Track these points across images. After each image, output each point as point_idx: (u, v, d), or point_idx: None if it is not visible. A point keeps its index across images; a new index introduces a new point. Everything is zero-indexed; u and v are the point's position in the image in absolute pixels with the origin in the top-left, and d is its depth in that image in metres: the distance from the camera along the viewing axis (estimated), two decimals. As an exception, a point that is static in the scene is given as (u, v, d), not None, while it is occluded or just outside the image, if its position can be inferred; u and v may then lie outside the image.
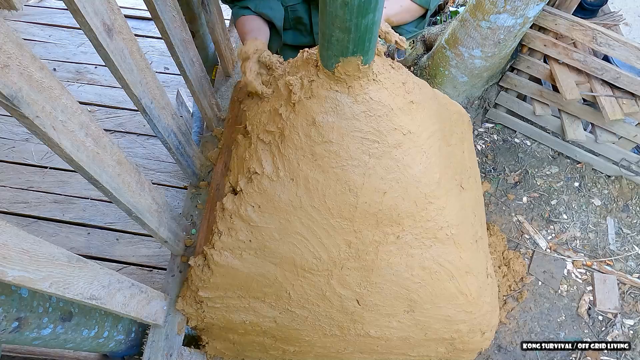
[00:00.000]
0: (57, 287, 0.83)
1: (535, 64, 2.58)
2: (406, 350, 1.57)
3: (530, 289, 2.32)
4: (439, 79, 2.74)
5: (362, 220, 1.17)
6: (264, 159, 1.16)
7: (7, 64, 0.65)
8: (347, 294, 1.33)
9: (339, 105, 1.01)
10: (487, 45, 2.37)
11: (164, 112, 1.31)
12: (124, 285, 1.13)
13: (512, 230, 2.51)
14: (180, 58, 1.40)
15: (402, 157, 1.09)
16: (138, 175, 1.13)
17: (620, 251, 2.44)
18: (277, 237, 1.23)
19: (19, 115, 0.70)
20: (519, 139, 2.88)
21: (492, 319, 1.56)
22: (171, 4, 1.27)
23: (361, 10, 0.76)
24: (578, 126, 2.61)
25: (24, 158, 2.49)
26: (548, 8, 2.30)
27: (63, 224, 2.30)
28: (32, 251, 0.76)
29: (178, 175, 2.52)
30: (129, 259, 2.22)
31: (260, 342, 1.59)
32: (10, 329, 0.92)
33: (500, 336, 2.18)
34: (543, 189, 2.66)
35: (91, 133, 0.89)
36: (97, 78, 2.92)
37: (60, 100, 0.78)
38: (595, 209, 2.59)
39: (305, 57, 1.08)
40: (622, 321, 2.23)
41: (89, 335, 1.17)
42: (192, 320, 1.50)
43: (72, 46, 3.08)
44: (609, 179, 2.71)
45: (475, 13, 2.28)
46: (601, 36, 2.21)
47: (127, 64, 1.03)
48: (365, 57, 0.90)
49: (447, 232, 1.25)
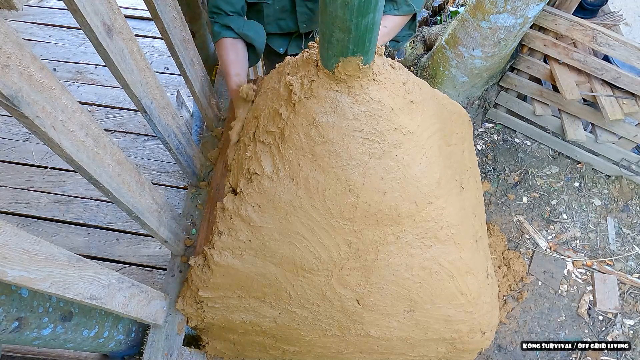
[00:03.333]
0: (57, 287, 0.83)
1: (535, 64, 2.58)
2: (406, 350, 1.57)
3: (530, 289, 2.32)
4: (439, 78, 2.74)
5: (362, 220, 1.17)
6: (263, 160, 1.16)
7: (7, 64, 0.64)
8: (347, 294, 1.33)
9: (339, 105, 1.01)
10: (487, 45, 2.37)
11: (164, 112, 1.31)
12: (124, 285, 1.13)
13: (512, 230, 2.51)
14: (180, 58, 1.40)
15: (402, 157, 1.09)
16: (138, 175, 1.13)
17: (621, 251, 2.44)
18: (277, 237, 1.23)
19: (19, 115, 0.70)
20: (519, 139, 2.88)
21: (492, 319, 1.56)
22: (171, 4, 1.27)
23: (361, 10, 0.75)
24: (578, 126, 2.61)
25: (24, 158, 2.49)
26: (548, 8, 2.30)
27: (63, 224, 2.30)
28: (32, 251, 0.76)
29: (178, 175, 2.52)
30: (129, 259, 2.22)
31: (260, 342, 1.59)
32: (11, 329, 0.92)
33: (501, 336, 2.18)
34: (543, 189, 2.66)
35: (91, 133, 0.89)
36: (97, 78, 2.92)
37: (61, 101, 0.78)
38: (596, 209, 2.59)
39: (306, 57, 1.08)
40: (622, 321, 2.23)
41: (89, 335, 1.17)
42: (192, 320, 1.50)
43: (72, 46, 3.08)
44: (609, 179, 2.71)
45: (475, 13, 2.28)
46: (601, 36, 2.21)
47: (127, 64, 1.03)
48: (365, 57, 0.90)
49: (447, 232, 1.25)
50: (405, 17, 1.58)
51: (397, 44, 1.82)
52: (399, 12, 1.54)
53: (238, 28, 1.49)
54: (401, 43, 1.81)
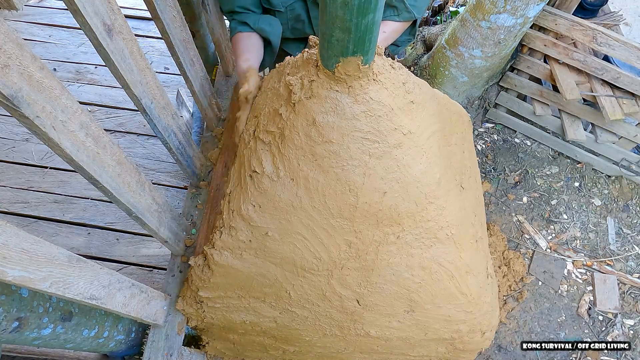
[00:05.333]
0: (57, 287, 0.83)
1: (535, 64, 2.58)
2: (406, 350, 1.57)
3: (530, 289, 2.32)
4: (439, 78, 2.74)
5: (362, 220, 1.17)
6: (264, 159, 1.16)
7: (7, 64, 0.64)
8: (347, 294, 1.33)
9: (339, 105, 1.01)
10: (487, 45, 2.37)
11: (164, 112, 1.31)
12: (124, 285, 1.13)
13: (512, 230, 2.51)
14: (180, 58, 1.40)
15: (403, 157, 1.09)
16: (138, 175, 1.13)
17: (621, 251, 2.44)
18: (278, 237, 1.23)
19: (19, 115, 0.70)
20: (519, 139, 2.88)
21: (492, 319, 1.56)
22: (171, 4, 1.27)
23: (361, 10, 0.75)
24: (578, 126, 2.61)
25: (24, 158, 2.49)
26: (548, 8, 2.30)
27: (63, 224, 2.30)
28: (32, 251, 0.76)
29: (178, 176, 2.52)
30: (129, 259, 2.22)
31: (260, 342, 1.59)
32: (11, 329, 0.92)
33: (501, 336, 2.18)
34: (543, 189, 2.66)
35: (91, 133, 0.89)
36: (97, 78, 2.92)
37: (61, 100, 0.78)
38: (596, 209, 2.59)
39: (306, 57, 1.08)
40: (622, 321, 2.23)
41: (89, 335, 1.17)
42: (192, 320, 1.50)
43: (73, 46, 3.07)
44: (609, 179, 2.71)
45: (476, 13, 2.28)
46: (601, 36, 2.21)
47: (127, 64, 1.03)
48: (365, 57, 0.90)
49: (448, 232, 1.25)
50: (405, 23, 1.57)
51: (396, 49, 1.82)
52: (399, 18, 1.54)
53: (254, 23, 1.50)
54: (400, 48, 1.81)
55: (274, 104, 1.16)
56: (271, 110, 1.16)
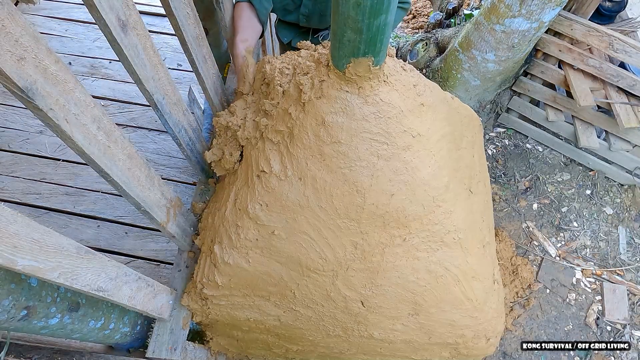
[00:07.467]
0: (65, 277, 0.85)
1: (549, 69, 2.55)
2: (410, 354, 1.57)
3: (537, 296, 2.29)
4: (451, 81, 2.73)
5: (368, 222, 1.17)
6: (272, 158, 1.17)
7: (24, 57, 0.66)
8: (351, 295, 1.33)
9: (349, 106, 1.00)
10: (500, 49, 2.34)
11: (176, 108, 1.32)
12: (130, 279, 1.14)
13: (521, 237, 2.49)
14: (193, 55, 1.41)
15: (411, 159, 1.09)
16: (148, 170, 1.14)
17: (631, 261, 2.40)
18: (284, 236, 1.23)
19: (33, 107, 0.71)
20: (531, 145, 2.85)
21: (497, 325, 1.54)
22: (186, 1, 1.28)
23: (373, 11, 0.75)
24: (591, 133, 2.57)
25: (37, 150, 2.53)
26: (564, 13, 2.27)
27: (74, 216, 2.33)
28: (42, 241, 0.77)
29: (188, 172, 2.54)
30: (137, 253, 2.24)
31: (264, 340, 1.60)
32: (19, 317, 0.94)
33: (506, 343, 2.16)
34: (554, 196, 2.63)
35: (103, 127, 0.90)
36: (111, 73, 2.95)
37: (74, 94, 0.79)
38: (607, 218, 2.55)
39: (317, 57, 1.08)
40: (631, 332, 2.20)
41: (95, 326, 1.19)
42: (197, 316, 1.51)
43: (88, 41, 3.11)
44: (622, 187, 2.66)
45: (490, 16, 2.26)
46: (618, 42, 2.17)
47: (140, 60, 1.04)
48: (376, 58, 0.90)
49: (455, 236, 1.24)
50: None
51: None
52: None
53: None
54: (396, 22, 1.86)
55: (284, 104, 1.16)
56: (280, 109, 1.17)
